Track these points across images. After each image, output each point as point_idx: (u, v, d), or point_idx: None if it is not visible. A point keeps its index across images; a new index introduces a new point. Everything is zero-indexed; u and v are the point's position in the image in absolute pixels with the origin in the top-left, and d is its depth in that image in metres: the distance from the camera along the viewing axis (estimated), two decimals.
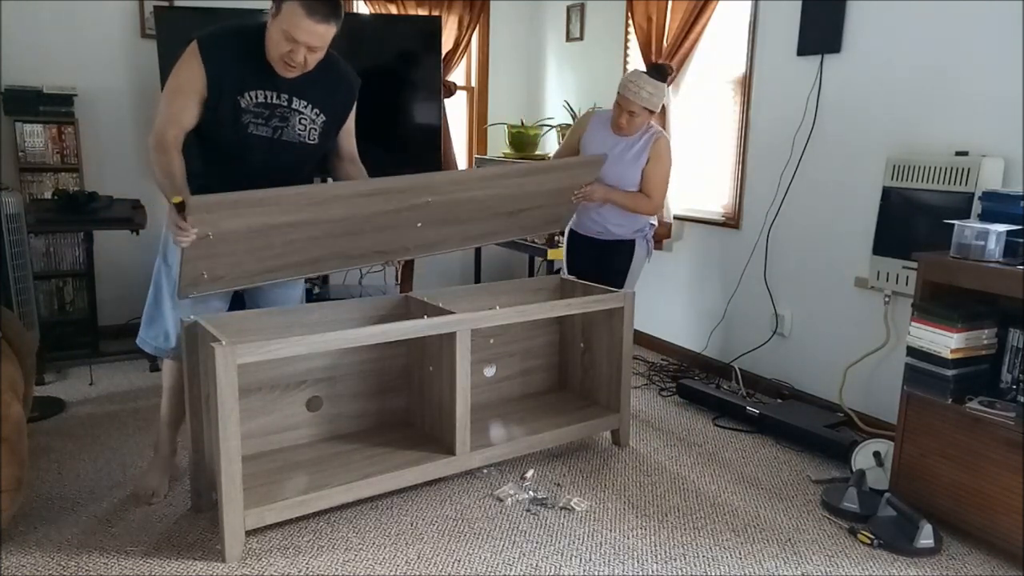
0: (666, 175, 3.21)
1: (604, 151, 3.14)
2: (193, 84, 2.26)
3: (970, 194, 2.73)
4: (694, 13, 3.93)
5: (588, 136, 3.26)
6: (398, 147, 4.37)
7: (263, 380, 2.58)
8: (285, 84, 2.33)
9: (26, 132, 3.81)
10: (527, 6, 5.33)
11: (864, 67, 3.21)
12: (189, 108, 2.27)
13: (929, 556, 2.38)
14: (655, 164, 3.15)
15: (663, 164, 3.17)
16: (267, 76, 2.30)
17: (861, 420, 3.26)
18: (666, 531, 2.50)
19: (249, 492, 2.29)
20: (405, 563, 2.27)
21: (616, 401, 3.05)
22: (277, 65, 2.26)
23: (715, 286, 4.04)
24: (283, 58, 2.23)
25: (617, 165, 3.15)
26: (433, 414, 2.74)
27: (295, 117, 2.38)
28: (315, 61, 2.28)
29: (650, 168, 3.16)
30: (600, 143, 3.20)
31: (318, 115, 2.43)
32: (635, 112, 3.06)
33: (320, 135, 2.46)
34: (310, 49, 2.22)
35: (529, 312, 2.73)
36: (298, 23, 2.16)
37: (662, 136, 3.19)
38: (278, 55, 2.23)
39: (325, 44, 2.26)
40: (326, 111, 2.44)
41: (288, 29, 2.17)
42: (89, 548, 2.30)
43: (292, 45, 2.20)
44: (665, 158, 3.18)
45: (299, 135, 2.41)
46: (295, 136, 2.40)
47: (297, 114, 2.38)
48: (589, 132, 3.27)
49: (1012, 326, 2.43)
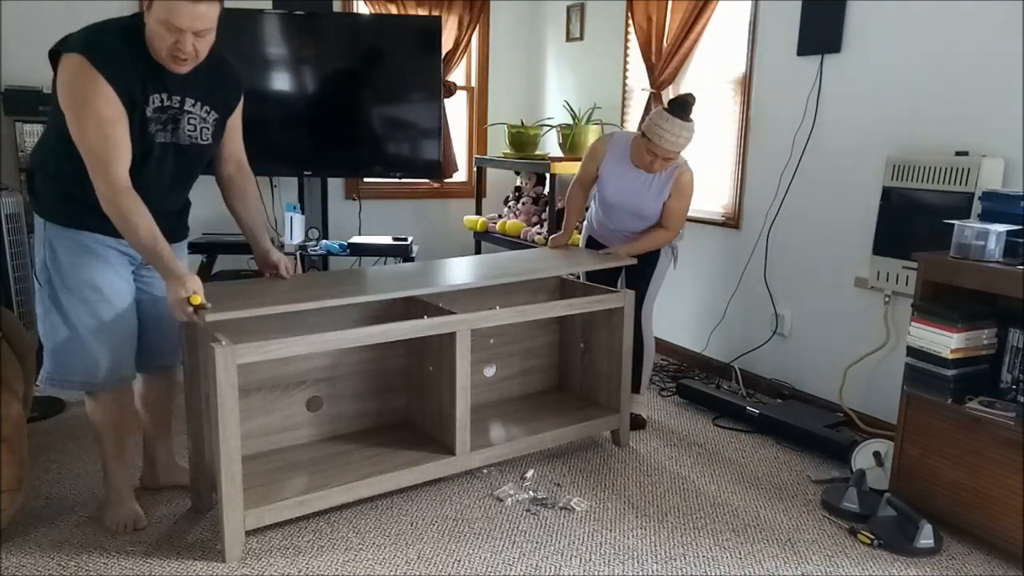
0: (686, 209, 3.13)
1: (624, 184, 3.08)
2: (113, 107, 2.03)
3: (970, 194, 2.73)
4: (694, 13, 3.93)
5: (607, 168, 3.14)
6: (398, 147, 4.37)
7: (263, 380, 2.58)
8: (174, 84, 2.15)
9: (26, 132, 3.81)
10: (527, 6, 5.33)
11: (864, 67, 3.21)
12: (125, 135, 2.06)
13: (929, 556, 2.38)
14: (677, 199, 3.07)
15: (685, 199, 3.09)
16: (157, 77, 2.11)
17: (861, 420, 3.26)
18: (666, 531, 2.50)
19: (249, 492, 2.29)
20: (405, 563, 2.27)
21: (616, 401, 3.05)
22: (168, 62, 2.06)
23: (715, 286, 4.04)
24: (171, 52, 2.03)
25: (638, 198, 3.08)
26: (433, 414, 2.74)
27: (185, 118, 2.21)
28: (207, 47, 2.09)
29: (672, 202, 3.07)
30: (620, 175, 3.10)
31: (209, 112, 2.26)
32: (671, 158, 2.96)
33: (213, 134, 2.30)
34: (197, 34, 2.03)
35: (529, 312, 2.73)
36: (176, 9, 1.97)
37: (687, 171, 3.07)
38: (165, 51, 2.03)
39: (212, 25, 2.06)
40: (217, 107, 2.28)
41: (168, 19, 1.98)
42: (89, 548, 2.30)
43: (177, 35, 2.00)
44: (687, 193, 3.08)
45: (190, 136, 2.24)
46: (188, 138, 2.23)
47: (187, 114, 2.21)
48: (608, 163, 3.14)
49: (1012, 326, 2.43)
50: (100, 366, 2.25)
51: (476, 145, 5.38)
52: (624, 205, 3.12)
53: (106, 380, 2.27)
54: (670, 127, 2.86)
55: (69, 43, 2.06)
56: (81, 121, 2.03)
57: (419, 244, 4.88)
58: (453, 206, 5.34)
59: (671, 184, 3.05)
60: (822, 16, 3.33)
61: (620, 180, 3.10)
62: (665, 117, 2.87)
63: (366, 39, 4.23)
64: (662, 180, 3.06)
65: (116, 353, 2.27)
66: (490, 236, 4.86)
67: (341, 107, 4.21)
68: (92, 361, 2.24)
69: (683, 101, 2.90)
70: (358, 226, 4.88)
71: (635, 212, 3.12)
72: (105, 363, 2.25)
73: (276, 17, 4.08)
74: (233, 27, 3.95)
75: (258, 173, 4.31)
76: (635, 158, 3.05)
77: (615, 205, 3.15)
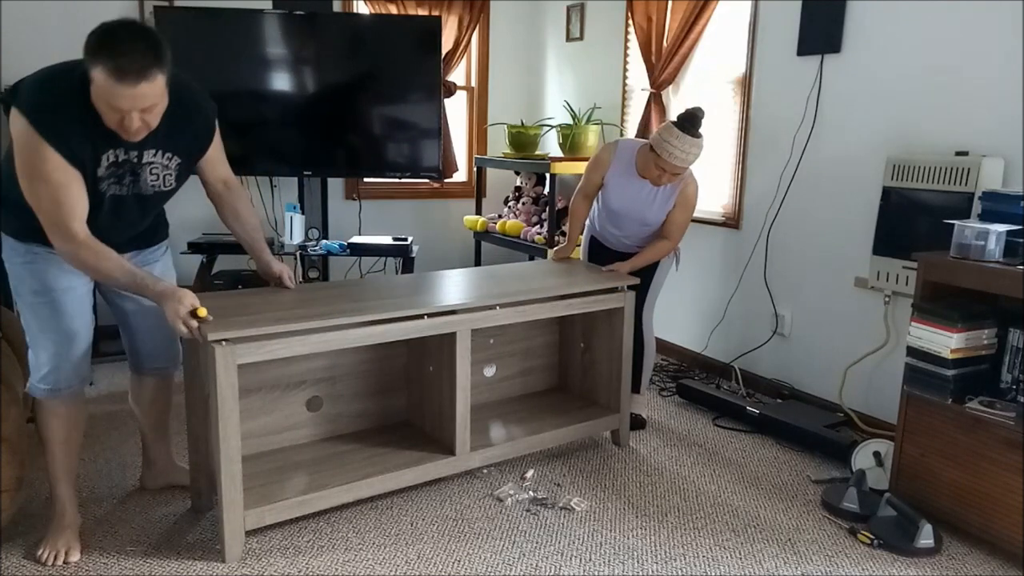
0: (688, 220, 3.11)
1: (629, 193, 3.07)
2: (61, 172, 1.94)
3: (970, 194, 2.73)
4: (694, 13, 3.93)
5: (612, 177, 3.12)
6: (398, 147, 4.37)
7: (263, 380, 2.58)
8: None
9: None
10: (527, 6, 5.33)
11: (864, 67, 3.21)
12: (79, 194, 1.99)
13: (929, 556, 2.38)
14: (681, 211, 3.06)
15: (688, 211, 3.08)
16: (109, 133, 1.97)
17: (861, 420, 3.26)
18: (666, 531, 2.50)
19: (249, 492, 2.29)
20: (405, 563, 2.27)
21: (616, 401, 3.05)
22: (120, 133, 1.96)
23: (715, 286, 4.04)
24: (120, 128, 1.93)
25: (643, 207, 3.07)
26: (433, 414, 2.74)
27: (146, 169, 2.12)
28: (158, 116, 1.97)
29: (675, 214, 3.06)
30: (625, 185, 3.09)
31: (171, 159, 2.15)
32: (679, 173, 2.92)
33: (177, 177, 2.21)
34: (144, 111, 1.91)
35: (529, 312, 2.73)
36: (114, 92, 1.84)
37: (692, 182, 3.06)
38: (113, 125, 1.93)
39: (159, 100, 1.92)
40: (180, 152, 2.17)
41: (107, 100, 1.86)
42: (89, 548, 2.30)
43: (120, 114, 1.89)
44: (691, 205, 3.07)
45: (153, 186, 2.15)
46: (150, 188, 2.15)
47: (148, 166, 2.11)
48: (613, 173, 3.12)
49: (1012, 326, 2.43)
50: (41, 370, 2.17)
51: (476, 145, 5.38)
52: (628, 213, 3.11)
53: (48, 386, 2.18)
54: (680, 144, 2.81)
55: (18, 96, 1.95)
56: (32, 186, 1.96)
57: (419, 244, 4.88)
58: (453, 206, 5.33)
59: (676, 195, 3.04)
60: (822, 16, 3.33)
61: (625, 189, 3.09)
62: (675, 133, 2.82)
63: (366, 39, 4.23)
64: (667, 191, 3.05)
65: (56, 358, 2.16)
66: (490, 236, 4.86)
67: (341, 107, 4.22)
68: (37, 364, 2.18)
69: (692, 115, 2.84)
70: (358, 226, 4.88)
71: (639, 220, 3.12)
72: (46, 367, 2.17)
73: (276, 17, 4.08)
74: (233, 27, 3.99)
75: (258, 173, 4.38)
76: (641, 169, 3.03)
77: (619, 212, 3.14)
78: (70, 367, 2.19)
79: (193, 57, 3.97)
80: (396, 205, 5.13)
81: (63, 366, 2.18)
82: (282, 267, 2.55)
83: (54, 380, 2.18)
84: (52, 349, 2.16)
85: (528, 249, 4.52)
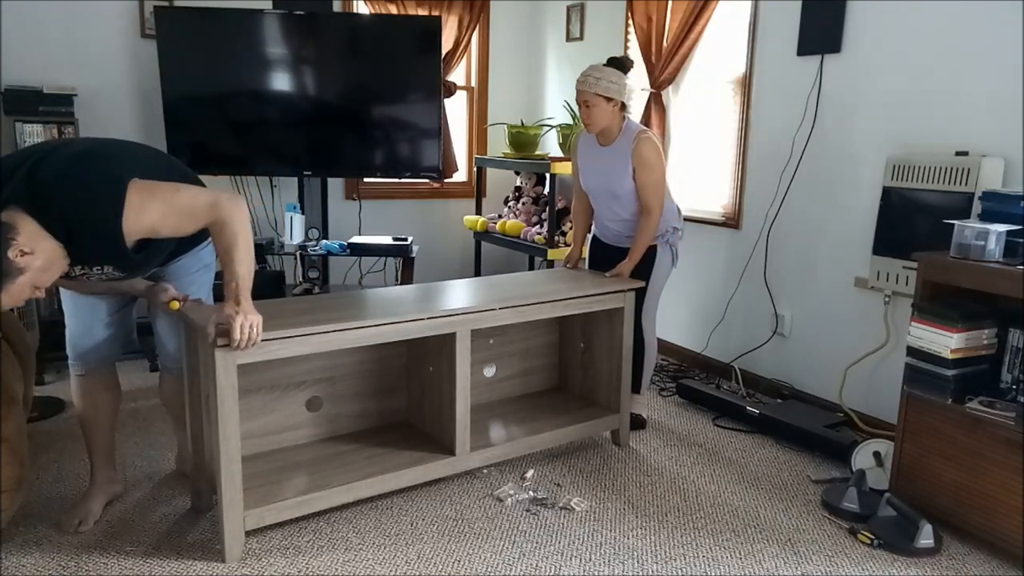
0: (658, 181, 3.00)
1: (594, 165, 3.10)
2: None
3: (970, 194, 2.73)
4: (694, 13, 3.93)
5: (580, 155, 3.18)
6: (398, 147, 4.37)
7: (263, 380, 2.58)
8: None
9: (26, 132, 3.81)
10: (527, 6, 5.33)
11: (864, 67, 3.21)
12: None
13: (929, 556, 2.38)
14: (643, 172, 2.97)
15: (653, 170, 2.97)
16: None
17: (861, 420, 3.26)
18: (666, 531, 2.50)
19: (249, 492, 2.29)
20: (405, 563, 2.27)
21: (616, 401, 3.05)
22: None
23: (715, 286, 4.04)
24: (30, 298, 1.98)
25: (607, 177, 3.07)
26: (433, 414, 2.74)
27: (96, 273, 2.13)
28: (49, 279, 1.98)
29: (640, 178, 2.98)
30: (588, 158, 3.14)
31: (103, 268, 2.12)
32: (590, 103, 2.92)
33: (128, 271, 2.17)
34: (36, 286, 1.94)
35: (529, 312, 2.73)
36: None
37: (645, 136, 2.99)
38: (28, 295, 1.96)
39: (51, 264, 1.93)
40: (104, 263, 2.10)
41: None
42: (89, 548, 2.30)
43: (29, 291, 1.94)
44: (653, 162, 2.97)
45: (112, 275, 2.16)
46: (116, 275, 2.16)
47: (96, 272, 2.12)
48: (579, 153, 3.18)
49: (1012, 326, 2.43)
50: (70, 343, 2.41)
51: (476, 145, 5.38)
52: (599, 188, 3.13)
53: (74, 358, 2.41)
54: (590, 70, 2.94)
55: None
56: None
57: (419, 244, 4.88)
58: (453, 206, 5.34)
59: (632, 154, 2.99)
60: (822, 16, 3.33)
61: (590, 162, 3.14)
62: (592, 65, 2.97)
63: (366, 39, 4.23)
64: (622, 150, 3.01)
65: (79, 334, 2.39)
66: (490, 236, 4.85)
67: (341, 107, 4.22)
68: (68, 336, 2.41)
69: (616, 58, 3.01)
70: (358, 226, 4.88)
71: (609, 192, 3.10)
72: (72, 340, 2.41)
73: (276, 17, 4.08)
74: (233, 27, 3.99)
75: (258, 173, 4.39)
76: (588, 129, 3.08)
77: (592, 190, 3.18)
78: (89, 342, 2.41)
79: (193, 57, 3.98)
80: (396, 205, 5.13)
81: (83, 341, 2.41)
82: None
83: (73, 352, 2.42)
84: (75, 326, 2.40)
85: (528, 249, 4.52)
